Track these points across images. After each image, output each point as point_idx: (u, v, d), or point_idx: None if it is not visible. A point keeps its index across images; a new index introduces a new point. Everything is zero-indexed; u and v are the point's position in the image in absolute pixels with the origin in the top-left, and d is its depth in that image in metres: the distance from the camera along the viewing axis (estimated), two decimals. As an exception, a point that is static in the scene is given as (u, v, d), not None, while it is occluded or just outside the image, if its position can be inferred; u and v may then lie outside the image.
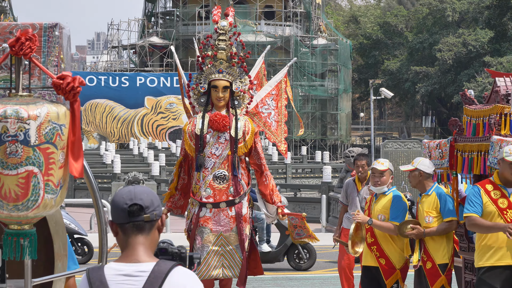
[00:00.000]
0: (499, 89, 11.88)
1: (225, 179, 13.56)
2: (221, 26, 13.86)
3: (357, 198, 14.69)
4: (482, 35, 76.54)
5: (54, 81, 6.50)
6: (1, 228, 6.75)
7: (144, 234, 5.19)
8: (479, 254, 10.68)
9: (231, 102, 13.76)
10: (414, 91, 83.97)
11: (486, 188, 10.65)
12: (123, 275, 5.11)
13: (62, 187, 6.44)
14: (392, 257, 11.59)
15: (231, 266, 13.61)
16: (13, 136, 6.20)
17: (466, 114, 12.33)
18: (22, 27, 6.79)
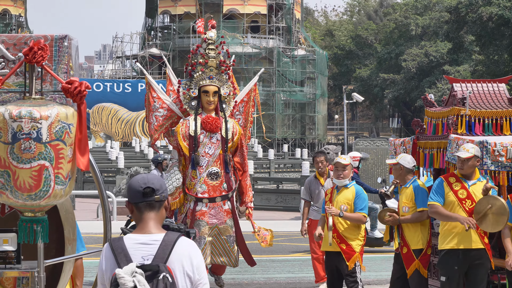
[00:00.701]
0: (456, 93, 11.90)
1: (218, 176, 13.54)
2: (209, 37, 13.85)
3: (322, 191, 14.55)
4: (442, 47, 76.63)
5: (63, 86, 6.50)
6: (16, 215, 6.73)
7: (155, 211, 5.68)
8: (441, 239, 10.74)
9: (219, 106, 13.75)
10: (382, 96, 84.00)
11: (449, 180, 10.72)
12: (140, 243, 5.58)
13: (71, 179, 6.45)
14: (352, 242, 11.56)
15: (222, 254, 13.59)
16: (27, 134, 6.21)
17: (427, 116, 12.34)
18: (35, 38, 6.77)
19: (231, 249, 13.59)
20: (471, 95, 11.87)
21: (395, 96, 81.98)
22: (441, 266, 10.87)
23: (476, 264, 10.56)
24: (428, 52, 77.38)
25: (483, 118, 11.64)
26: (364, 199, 11.50)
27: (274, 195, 33.69)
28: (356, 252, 11.59)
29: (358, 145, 31.48)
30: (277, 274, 17.59)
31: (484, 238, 10.54)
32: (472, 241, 10.53)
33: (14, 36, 7.00)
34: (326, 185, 14.56)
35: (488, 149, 10.73)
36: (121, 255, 5.56)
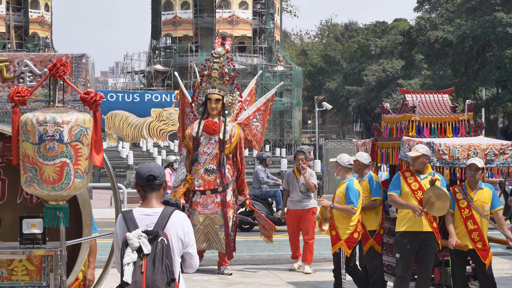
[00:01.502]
0: (408, 103, 11.91)
1: (213, 172, 13.62)
2: (217, 52, 13.94)
3: (297, 184, 14.49)
4: (396, 64, 76.66)
5: (82, 96, 6.50)
6: (42, 203, 6.72)
7: (156, 191, 6.33)
8: (397, 223, 10.80)
9: (222, 112, 13.79)
10: (347, 105, 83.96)
11: (405, 175, 10.77)
12: (144, 214, 6.25)
13: (88, 174, 6.46)
14: (340, 231, 11.48)
15: (215, 241, 13.67)
16: (51, 136, 6.20)
17: (384, 121, 12.36)
18: (58, 56, 6.76)
19: (222, 236, 13.68)
20: (420, 104, 11.88)
21: (358, 105, 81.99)
22: (396, 245, 10.91)
23: (426, 245, 10.58)
24: (385, 68, 77.45)
25: (430, 123, 11.65)
26: (352, 193, 11.32)
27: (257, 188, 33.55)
28: (342, 239, 11.45)
29: (327, 145, 31.44)
30: (260, 252, 17.58)
31: (433, 223, 10.56)
32: (423, 225, 10.55)
33: (41, 54, 7.00)
34: (300, 179, 14.51)
35: (434, 149, 10.76)
36: (131, 222, 6.19)
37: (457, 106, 12.10)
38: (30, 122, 6.26)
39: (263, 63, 70.94)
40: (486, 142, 11.11)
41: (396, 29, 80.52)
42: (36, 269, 6.50)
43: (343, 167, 11.48)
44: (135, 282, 5.95)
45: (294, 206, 14.54)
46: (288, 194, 14.70)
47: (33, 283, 6.49)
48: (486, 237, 10.75)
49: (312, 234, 14.72)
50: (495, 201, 10.73)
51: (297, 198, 14.48)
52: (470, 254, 10.80)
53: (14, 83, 6.93)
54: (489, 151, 10.93)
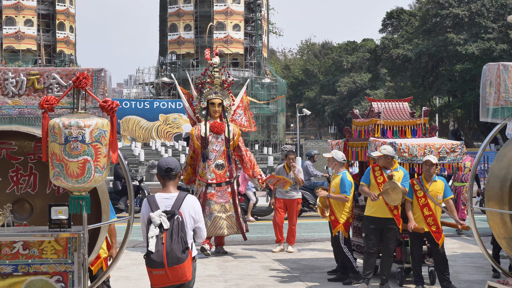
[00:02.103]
0: (374, 109, 11.93)
1: (223, 166, 13.73)
2: (214, 62, 13.97)
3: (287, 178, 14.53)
4: (364, 77, 76.75)
5: (100, 104, 6.50)
6: (67, 194, 6.72)
7: (172, 180, 7.03)
8: (366, 208, 10.99)
9: (223, 114, 13.87)
10: (323, 111, 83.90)
11: (374, 169, 10.88)
12: (164, 198, 6.93)
13: (106, 169, 6.47)
14: (338, 215, 11.47)
15: (232, 227, 13.78)
16: (75, 137, 6.20)
17: (354, 124, 12.37)
18: (80, 70, 6.75)
19: (236, 222, 13.89)
20: (384, 110, 11.89)
21: (332, 111, 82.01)
22: (363, 226, 11.17)
23: (387, 228, 10.67)
24: (355, 81, 77.55)
25: (392, 126, 11.68)
26: (346, 184, 11.27)
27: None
28: (340, 223, 11.47)
29: (306, 145, 31.56)
30: (251, 234, 17.54)
31: (394, 211, 10.65)
32: (384, 212, 10.66)
33: (66, 69, 7.01)
34: (290, 174, 14.51)
35: (396, 148, 10.79)
36: (153, 205, 6.84)
37: (415, 112, 12.13)
38: (57, 126, 6.26)
39: (253, 76, 70.89)
40: (439, 142, 11.16)
41: (364, 47, 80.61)
42: (62, 249, 6.50)
43: (338, 162, 11.54)
44: (157, 251, 6.58)
45: (283, 196, 14.54)
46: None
47: (60, 261, 6.49)
48: (439, 221, 10.81)
49: (295, 220, 14.74)
50: (446, 191, 10.82)
51: (286, 189, 14.49)
52: (426, 236, 10.86)
53: (44, 93, 6.93)
54: (441, 150, 10.98)
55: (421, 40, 59.52)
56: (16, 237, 6.48)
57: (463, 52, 53.68)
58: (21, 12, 68.90)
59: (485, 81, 8.26)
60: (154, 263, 6.59)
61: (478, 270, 12.50)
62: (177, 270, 6.62)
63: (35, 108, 6.93)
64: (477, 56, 53.00)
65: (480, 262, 13.22)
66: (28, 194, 7.41)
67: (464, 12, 55.78)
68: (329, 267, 12.67)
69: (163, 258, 6.58)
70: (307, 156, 22.49)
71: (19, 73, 6.96)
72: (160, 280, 6.68)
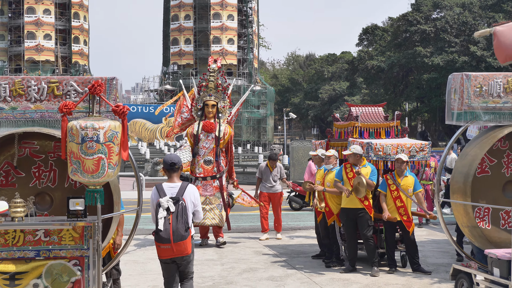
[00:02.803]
0: (353, 113, 11.93)
1: (211, 162, 13.43)
2: (212, 68, 13.84)
3: (270, 175, 14.38)
4: (343, 85, 76.73)
5: (113, 108, 6.49)
6: (83, 187, 6.70)
7: (176, 172, 7.52)
8: (342, 200, 10.90)
9: (217, 115, 13.69)
10: (307, 115, 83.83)
11: (346, 166, 10.87)
12: (170, 187, 7.41)
13: (118, 166, 6.45)
14: (332, 207, 11.41)
15: (213, 218, 13.39)
16: (90, 138, 6.19)
17: (335, 127, 12.37)
18: (95, 79, 6.74)
19: (220, 213, 13.45)
20: (361, 114, 11.90)
21: (315, 115, 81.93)
22: (340, 217, 11.19)
23: (359, 217, 10.72)
24: (335, 88, 77.48)
25: (369, 128, 11.68)
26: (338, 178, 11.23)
27: (241, 175, 33.32)
28: (334, 214, 11.37)
29: (292, 145, 31.48)
30: (243, 223, 17.58)
31: (364, 202, 10.68)
32: (355, 203, 10.72)
33: (82, 77, 6.99)
34: (273, 172, 14.48)
35: (372, 147, 10.80)
36: (162, 192, 7.34)
37: (388, 116, 12.15)
38: (75, 128, 6.25)
39: (245, 84, 70.84)
40: (409, 142, 11.17)
41: (343, 59, 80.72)
42: (79, 236, 6.48)
43: (336, 159, 11.47)
44: (165, 229, 7.13)
45: (267, 190, 14.51)
46: (260, 181, 14.60)
47: (77, 247, 6.47)
48: (410, 211, 10.84)
49: (280, 210, 14.71)
50: (416, 185, 10.86)
51: (270, 184, 14.47)
52: (398, 224, 10.88)
53: (63, 98, 6.92)
54: (412, 149, 10.99)
55: (393, 53, 59.64)
56: (38, 226, 6.47)
57: (430, 63, 53.89)
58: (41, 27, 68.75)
59: (450, 89, 8.28)
60: (163, 239, 7.16)
61: (444, 255, 12.54)
62: (180, 245, 7.21)
63: (55, 112, 6.92)
64: (442, 67, 53.21)
65: (445, 248, 13.25)
66: (48, 188, 7.42)
67: (431, 28, 55.99)
68: (313, 252, 12.67)
69: (170, 235, 7.16)
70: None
71: (40, 81, 6.96)
72: (167, 253, 7.27)
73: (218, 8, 70.45)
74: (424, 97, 58.62)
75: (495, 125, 8.72)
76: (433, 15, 58.68)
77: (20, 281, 6.35)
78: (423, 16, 57.81)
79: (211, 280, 10.32)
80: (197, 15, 70.49)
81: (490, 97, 8.11)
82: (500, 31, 6.92)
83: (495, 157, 8.75)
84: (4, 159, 7.39)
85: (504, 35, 6.82)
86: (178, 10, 71.58)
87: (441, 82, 54.20)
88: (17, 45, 69.03)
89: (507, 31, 6.81)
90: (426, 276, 10.51)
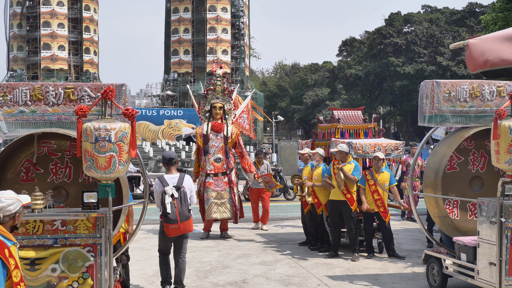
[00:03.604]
0: (335, 116, 11.93)
1: (221, 160, 13.11)
2: (218, 73, 13.59)
3: (258, 172, 14.14)
4: (325, 91, 76.71)
5: (123, 111, 6.45)
6: (96, 182, 6.66)
7: (174, 166, 8.16)
8: (330, 193, 10.85)
9: (224, 116, 13.42)
10: (293, 117, 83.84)
11: (334, 163, 10.79)
12: (170, 178, 7.99)
13: (127, 163, 6.41)
14: (320, 198, 11.36)
15: (224, 211, 13.02)
16: (103, 138, 6.16)
17: (320, 128, 12.37)
18: (106, 85, 6.70)
19: (230, 207, 13.12)
20: (343, 117, 11.91)
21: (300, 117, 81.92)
22: (327, 208, 11.10)
23: (343, 208, 10.69)
24: (318, 94, 77.42)
25: (349, 129, 11.69)
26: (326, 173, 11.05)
27: (235, 171, 33.44)
28: (322, 204, 11.30)
29: (280, 144, 31.46)
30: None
31: (346, 194, 10.66)
32: (339, 196, 10.70)
33: (95, 84, 6.95)
34: (261, 168, 14.39)
35: (353, 146, 10.80)
36: (164, 182, 7.92)
37: (366, 118, 12.16)
38: (89, 129, 6.21)
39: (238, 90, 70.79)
40: (385, 142, 11.19)
41: (325, 68, 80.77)
42: (92, 226, 6.44)
43: (321, 157, 11.41)
44: (172, 212, 7.79)
45: (256, 186, 14.33)
46: None
47: (90, 235, 6.43)
48: (386, 203, 10.85)
49: (268, 204, 14.54)
50: (391, 180, 10.86)
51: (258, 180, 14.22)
52: (376, 215, 10.89)
53: (77, 103, 6.87)
54: (387, 148, 11.00)
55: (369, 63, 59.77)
56: (55, 217, 6.42)
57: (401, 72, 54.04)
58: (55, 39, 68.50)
59: (422, 94, 8.28)
60: (171, 220, 7.82)
61: (416, 242, 12.55)
62: (186, 224, 7.90)
63: (70, 114, 6.87)
64: (412, 75, 53.40)
65: (417, 236, 13.27)
66: (64, 183, 7.38)
67: (402, 41, 56.14)
68: (300, 239, 12.67)
69: (177, 217, 7.81)
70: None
71: (57, 87, 6.91)
72: (174, 231, 7.90)
73: (213, 22, 70.34)
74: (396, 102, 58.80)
75: (462, 127, 8.74)
76: (404, 29, 58.89)
77: (39, 266, 6.31)
78: (396, 30, 58.00)
79: (209, 264, 10.29)
80: (194, 28, 70.34)
81: (458, 102, 8.11)
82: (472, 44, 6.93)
83: (462, 155, 8.76)
84: (25, 157, 7.38)
85: (475, 47, 6.83)
86: (178, 24, 71.43)
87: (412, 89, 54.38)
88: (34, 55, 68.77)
89: (479, 44, 6.82)
90: (401, 261, 10.52)
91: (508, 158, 7.16)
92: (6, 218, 4.41)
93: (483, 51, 6.62)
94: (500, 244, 7.14)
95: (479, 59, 6.66)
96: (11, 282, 4.24)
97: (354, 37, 68.89)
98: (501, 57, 6.40)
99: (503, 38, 6.54)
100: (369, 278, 9.22)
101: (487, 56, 6.54)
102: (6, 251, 4.23)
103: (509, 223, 7.15)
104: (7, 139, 7.57)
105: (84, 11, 70.62)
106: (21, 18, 68.86)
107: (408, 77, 54.11)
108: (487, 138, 8.67)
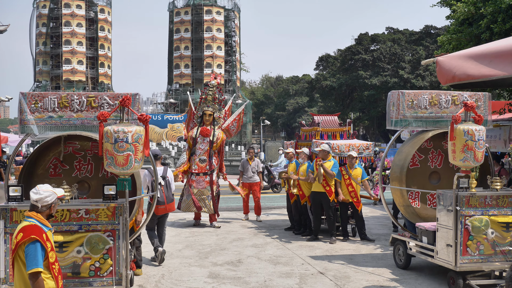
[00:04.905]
0: (315, 120, 11.93)
1: (205, 161, 12.80)
2: (211, 84, 13.29)
3: (249, 168, 13.84)
4: (304, 99, 76.84)
5: (138, 117, 6.40)
6: (114, 177, 6.62)
7: (159, 160, 8.76)
8: (313, 186, 10.80)
9: (212, 122, 13.19)
10: (277, 122, 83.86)
11: (316, 161, 10.75)
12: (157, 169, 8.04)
13: (142, 160, 6.36)
14: (304, 191, 11.27)
15: (204, 206, 12.66)
16: (121, 139, 6.11)
17: (302, 131, 12.36)
18: (124, 94, 6.67)
19: (208, 203, 12.79)
20: (322, 121, 11.91)
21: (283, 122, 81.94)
22: (310, 199, 11.01)
23: (323, 198, 10.65)
24: (298, 102, 77.50)
25: (327, 132, 11.70)
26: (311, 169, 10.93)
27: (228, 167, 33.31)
28: (306, 196, 11.19)
29: (267, 145, 31.43)
30: (231, 204, 17.51)
31: (326, 187, 10.61)
32: (319, 188, 10.65)
33: (113, 93, 6.91)
34: (252, 165, 14.24)
35: (330, 146, 10.81)
36: (153, 172, 7.52)
37: (342, 123, 12.18)
38: (109, 131, 6.18)
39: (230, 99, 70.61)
40: (358, 142, 11.21)
41: (304, 79, 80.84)
42: (111, 214, 6.41)
43: (306, 155, 11.31)
44: (161, 196, 8.51)
45: (247, 180, 13.96)
46: (242, 174, 14.21)
47: (110, 222, 6.40)
48: (359, 195, 10.86)
49: (259, 196, 14.36)
50: (363, 175, 10.86)
51: (249, 175, 13.87)
52: (350, 204, 10.90)
53: (98, 109, 6.83)
54: (360, 147, 11.02)
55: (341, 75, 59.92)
56: (80, 206, 6.39)
57: (369, 83, 54.26)
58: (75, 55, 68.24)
59: (389, 102, 8.31)
60: (160, 202, 8.60)
61: (383, 227, 12.59)
62: (171, 205, 8.72)
63: (92, 119, 6.83)
64: (378, 86, 53.63)
65: (384, 222, 13.31)
66: (87, 177, 7.36)
67: (369, 58, 56.40)
68: (285, 225, 12.67)
69: (164, 199, 8.58)
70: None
71: (81, 96, 6.88)
72: (162, 211, 8.67)
73: (210, 41, 70.23)
74: (364, 109, 58.99)
75: (422, 130, 8.79)
76: (371, 47, 59.12)
77: (66, 248, 6.28)
78: (364, 48, 58.23)
79: (209, 247, 10.27)
80: (193, 46, 70.19)
81: (419, 109, 8.15)
82: (441, 61, 6.97)
83: (423, 153, 8.81)
84: (53, 155, 7.36)
85: (444, 63, 6.87)
86: (179, 42, 71.25)
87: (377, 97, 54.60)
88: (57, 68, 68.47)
89: (447, 61, 6.86)
90: (371, 243, 10.55)
91: (463, 156, 7.22)
92: (43, 207, 4.44)
93: (450, 67, 6.67)
94: (456, 229, 7.19)
95: (448, 75, 6.71)
96: (48, 262, 4.27)
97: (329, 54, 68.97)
98: (467, 73, 6.47)
99: (467, 56, 6.61)
100: (345, 257, 9.24)
101: (454, 72, 6.60)
102: (44, 236, 4.26)
103: (463, 211, 7.21)
104: (38, 140, 7.52)
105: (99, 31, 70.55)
106: (46, 37, 68.72)
107: (374, 87, 54.35)
108: (443, 139, 8.74)
